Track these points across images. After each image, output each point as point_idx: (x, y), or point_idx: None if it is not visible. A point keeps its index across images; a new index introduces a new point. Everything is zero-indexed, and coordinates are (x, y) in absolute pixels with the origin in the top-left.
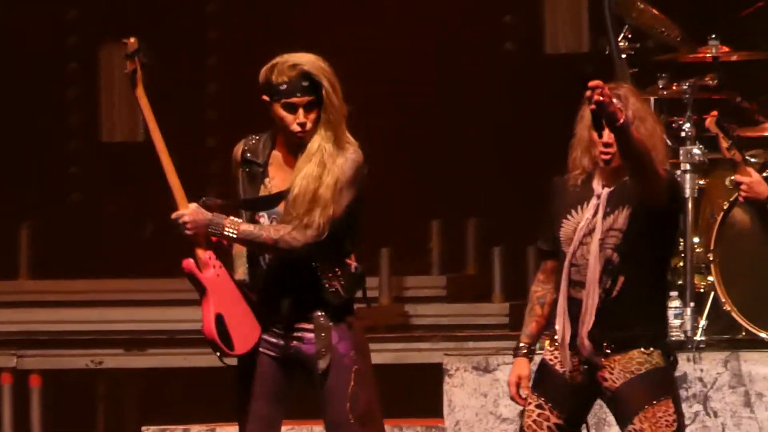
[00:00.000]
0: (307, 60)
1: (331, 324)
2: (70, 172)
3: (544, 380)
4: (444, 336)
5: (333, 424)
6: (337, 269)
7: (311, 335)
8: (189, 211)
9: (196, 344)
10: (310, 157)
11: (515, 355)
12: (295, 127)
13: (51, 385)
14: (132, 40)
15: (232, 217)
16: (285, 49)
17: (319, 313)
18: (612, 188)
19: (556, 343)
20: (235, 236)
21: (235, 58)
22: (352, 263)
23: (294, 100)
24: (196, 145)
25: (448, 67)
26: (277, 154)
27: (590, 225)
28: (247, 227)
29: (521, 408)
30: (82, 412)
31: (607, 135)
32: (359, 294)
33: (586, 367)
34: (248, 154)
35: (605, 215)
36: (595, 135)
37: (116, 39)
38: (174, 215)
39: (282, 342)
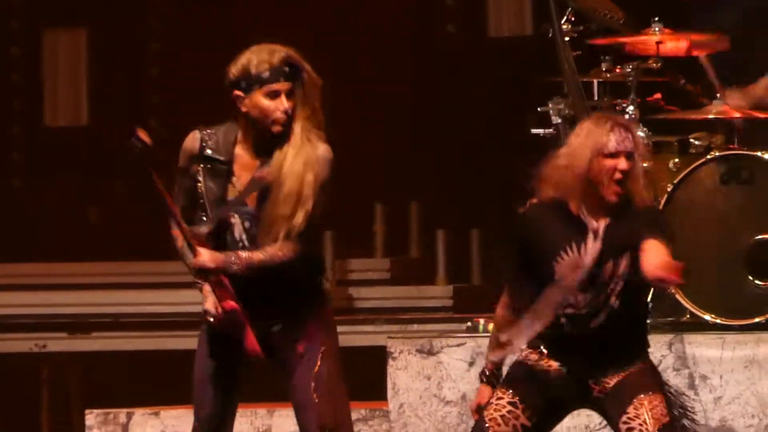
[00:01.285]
0: (280, 48)
1: (302, 307)
2: (13, 157)
3: (523, 381)
4: (388, 319)
5: (299, 404)
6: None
7: (281, 320)
8: (208, 257)
9: (141, 327)
10: (295, 153)
11: (480, 381)
12: (279, 115)
13: None
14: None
15: (238, 252)
16: (232, 36)
17: (292, 297)
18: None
19: (545, 351)
20: (238, 270)
21: (177, 46)
22: None
23: (278, 86)
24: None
25: (390, 50)
26: (240, 152)
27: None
28: (247, 256)
29: (468, 390)
30: (26, 395)
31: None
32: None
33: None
34: (209, 150)
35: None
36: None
37: (59, 24)
38: (195, 264)
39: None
